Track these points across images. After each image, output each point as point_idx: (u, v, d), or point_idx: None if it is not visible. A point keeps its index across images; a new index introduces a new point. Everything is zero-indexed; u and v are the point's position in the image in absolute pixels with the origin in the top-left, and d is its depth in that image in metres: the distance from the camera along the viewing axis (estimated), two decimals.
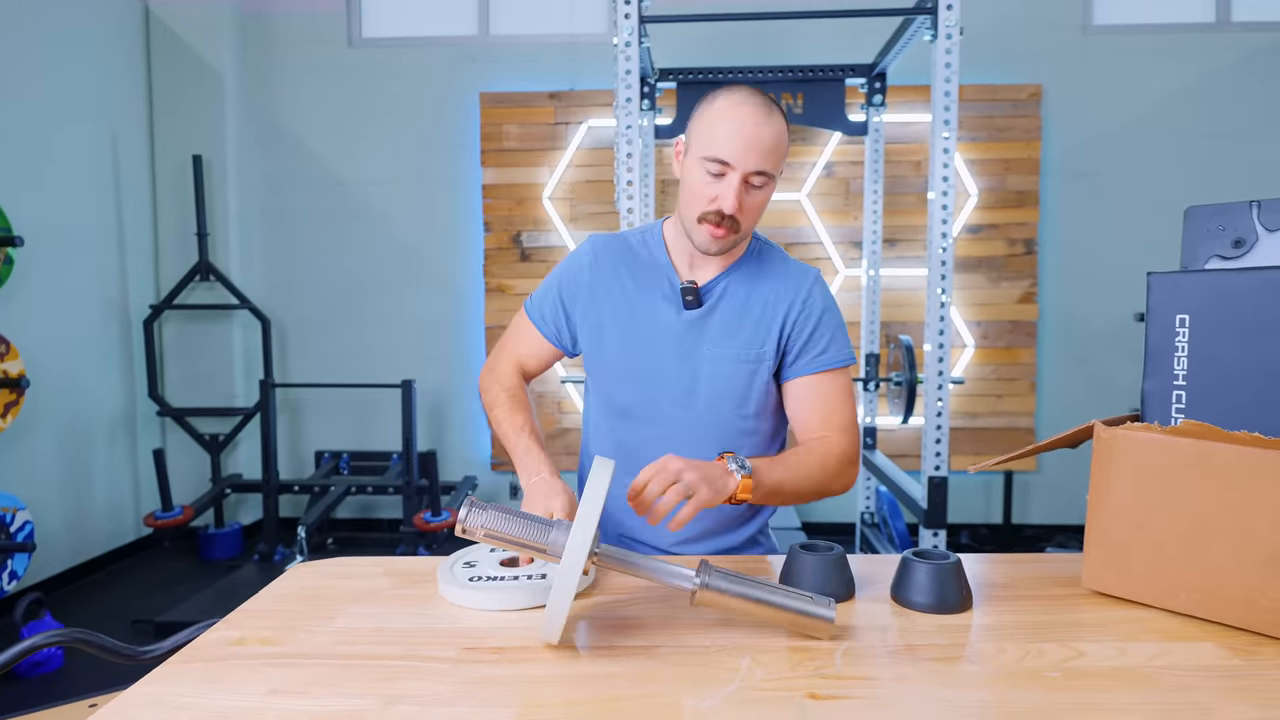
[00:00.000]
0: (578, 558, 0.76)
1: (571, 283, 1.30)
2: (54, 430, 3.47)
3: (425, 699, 0.74)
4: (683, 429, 1.25)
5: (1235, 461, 0.84)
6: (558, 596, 0.76)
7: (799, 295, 1.25)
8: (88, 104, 3.69)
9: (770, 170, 1.14)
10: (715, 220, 1.15)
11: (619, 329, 1.26)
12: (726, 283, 1.26)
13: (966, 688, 0.75)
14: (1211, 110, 3.98)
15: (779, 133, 1.15)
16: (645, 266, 1.28)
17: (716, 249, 1.19)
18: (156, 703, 0.74)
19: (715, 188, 1.14)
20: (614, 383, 1.28)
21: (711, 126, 1.14)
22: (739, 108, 1.13)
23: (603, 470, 0.81)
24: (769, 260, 1.29)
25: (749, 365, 1.24)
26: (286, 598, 1.00)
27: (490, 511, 0.84)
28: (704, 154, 1.14)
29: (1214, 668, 0.79)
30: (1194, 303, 1.00)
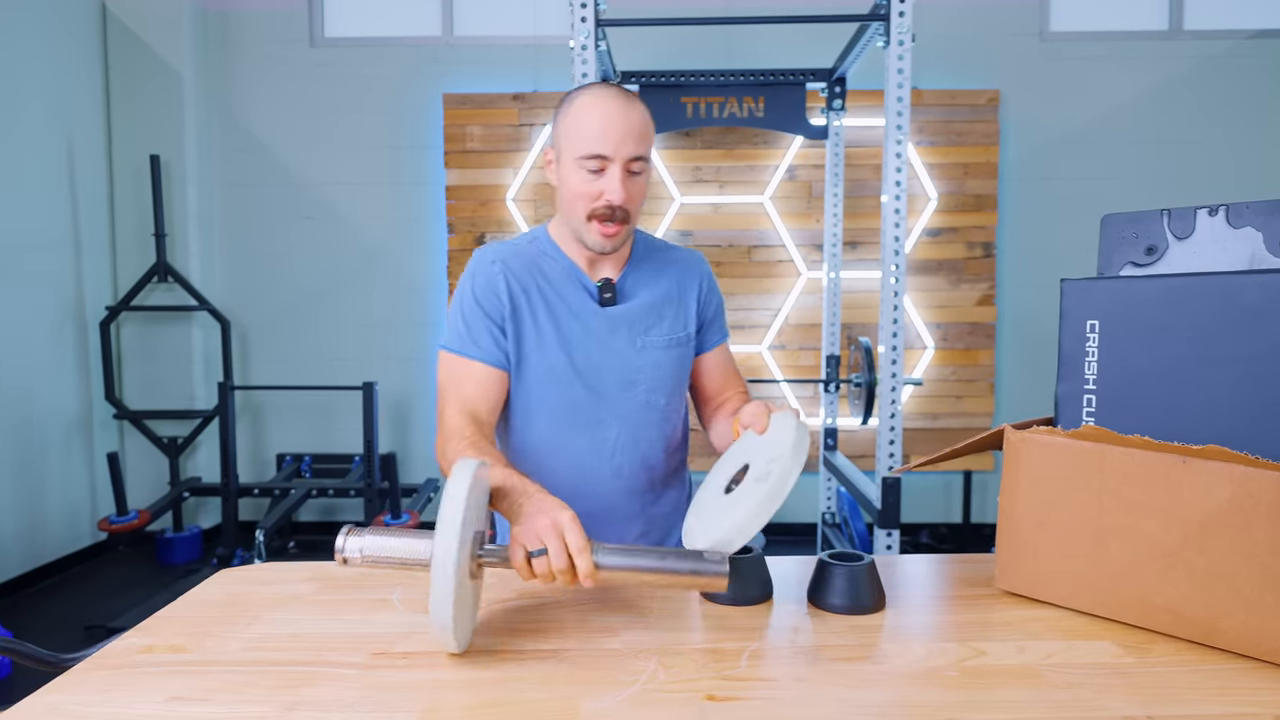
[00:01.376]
0: (446, 566, 0.75)
1: (492, 298, 1.23)
2: (6, 434, 3.41)
3: (326, 705, 0.74)
4: (628, 421, 1.27)
5: (1128, 464, 0.86)
6: (437, 606, 0.75)
7: (703, 277, 1.35)
8: (42, 103, 3.63)
9: (644, 154, 1.17)
10: (605, 215, 1.16)
11: (552, 334, 1.24)
12: (635, 276, 1.29)
13: (864, 687, 0.77)
14: (1165, 117, 4.06)
15: (644, 117, 1.17)
16: (550, 269, 1.27)
17: (610, 247, 1.20)
18: (55, 711, 0.74)
19: (598, 184, 1.15)
20: (555, 389, 1.25)
21: (579, 125, 1.15)
22: (601, 101, 1.14)
23: (463, 471, 0.81)
24: (660, 249, 1.35)
25: (680, 349, 1.29)
26: (205, 604, 0.99)
27: (368, 536, 0.83)
28: (579, 154, 1.15)
29: (1106, 665, 0.81)
30: (1103, 308, 1.03)
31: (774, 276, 4.13)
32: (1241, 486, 0.79)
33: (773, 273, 4.13)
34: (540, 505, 0.90)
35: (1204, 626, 0.83)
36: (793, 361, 4.16)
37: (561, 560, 0.83)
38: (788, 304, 4.14)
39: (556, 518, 0.85)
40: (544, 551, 0.84)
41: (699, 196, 4.10)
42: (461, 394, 1.20)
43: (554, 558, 0.83)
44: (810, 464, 4.15)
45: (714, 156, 4.08)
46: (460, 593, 0.77)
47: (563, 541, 0.84)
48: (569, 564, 0.84)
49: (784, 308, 4.14)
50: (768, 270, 4.13)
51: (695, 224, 4.12)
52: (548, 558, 0.84)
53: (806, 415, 4.17)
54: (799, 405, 4.17)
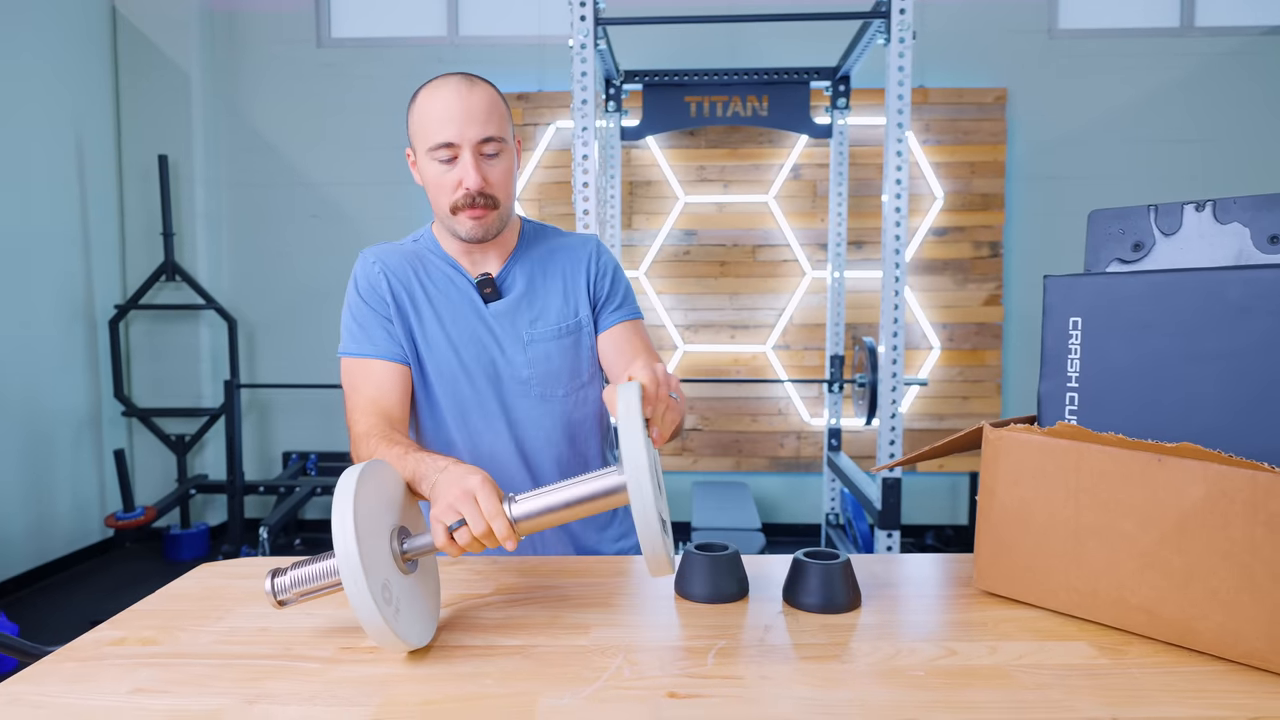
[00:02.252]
0: (354, 569, 0.73)
1: (373, 292, 1.21)
2: (16, 431, 3.45)
3: (285, 698, 0.74)
4: (527, 416, 1.24)
5: (1104, 462, 0.85)
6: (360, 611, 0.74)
7: (591, 257, 1.29)
8: (53, 103, 3.67)
9: (496, 134, 1.13)
10: (466, 203, 1.13)
11: (438, 333, 1.21)
12: (518, 267, 1.25)
13: (828, 686, 0.76)
14: (1175, 114, 4.02)
15: (490, 97, 1.14)
16: (432, 268, 1.24)
17: (481, 233, 1.17)
18: (16, 701, 0.74)
19: (453, 173, 1.13)
20: (449, 389, 1.22)
21: (422, 119, 1.13)
22: (437, 90, 1.12)
23: (349, 474, 0.79)
24: (548, 237, 1.31)
25: (571, 336, 1.25)
26: (179, 598, 1.00)
27: (290, 572, 0.82)
28: (428, 146, 1.12)
29: (1078, 666, 0.80)
30: (1086, 305, 1.02)
31: (778, 276, 4.12)
32: (1216, 485, 0.77)
33: (777, 272, 4.12)
34: (451, 477, 0.88)
35: (1180, 627, 0.82)
36: (797, 361, 4.14)
37: (480, 525, 0.82)
38: (792, 304, 4.12)
39: (466, 484, 0.84)
40: (463, 523, 0.82)
41: (703, 196, 4.09)
42: (364, 395, 1.17)
43: (472, 525, 0.82)
44: (814, 464, 4.13)
45: (718, 156, 4.07)
46: (384, 593, 0.76)
47: (477, 507, 0.82)
48: (488, 528, 0.82)
49: (788, 307, 4.12)
50: (772, 270, 4.11)
51: (699, 223, 4.11)
52: (467, 528, 0.82)
53: (811, 415, 4.16)
54: (801, 405, 4.15)
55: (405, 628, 0.78)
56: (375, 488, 0.82)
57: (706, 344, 4.15)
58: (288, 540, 4.13)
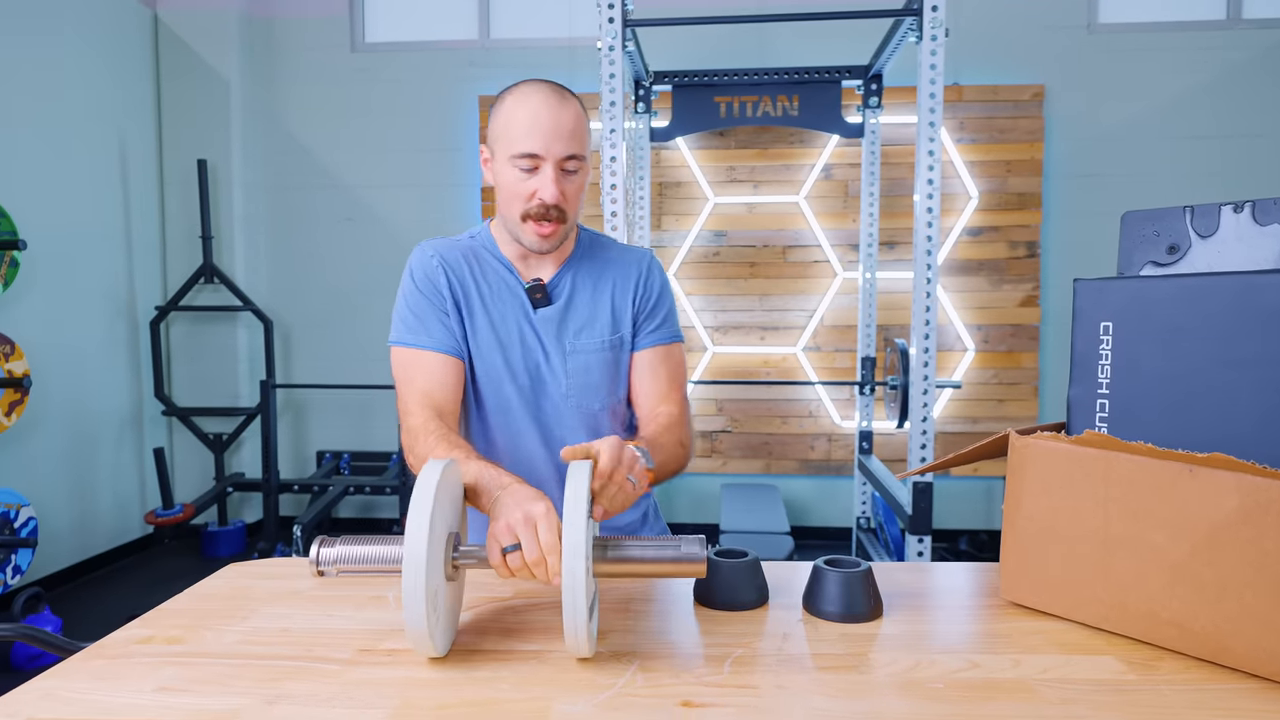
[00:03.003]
0: (416, 573, 0.74)
1: (434, 290, 1.21)
2: (60, 429, 3.55)
3: (304, 699, 0.74)
4: (563, 426, 1.24)
5: (1134, 472, 0.83)
6: (410, 613, 0.75)
7: (641, 274, 1.28)
8: (97, 109, 3.77)
9: (579, 152, 1.13)
10: (539, 214, 1.13)
11: (488, 332, 1.22)
12: (571, 275, 1.25)
13: (845, 697, 0.75)
14: (1221, 110, 3.90)
15: (577, 114, 1.14)
16: (486, 267, 1.24)
17: (547, 247, 1.17)
18: (47, 697, 0.76)
19: (531, 183, 1.12)
20: (492, 388, 1.23)
21: (508, 125, 1.12)
22: (530, 99, 1.12)
23: (431, 472, 0.80)
24: (604, 248, 1.30)
25: (613, 352, 1.25)
26: (207, 597, 1.02)
27: (339, 546, 0.82)
28: (511, 153, 1.11)
29: (1106, 682, 0.78)
30: (1117, 309, 0.99)
31: (809, 277, 4.08)
32: (1250, 496, 0.75)
33: (808, 273, 4.08)
34: (515, 497, 0.87)
35: (1212, 643, 0.79)
36: (828, 364, 4.10)
37: (534, 554, 0.80)
38: (823, 305, 4.08)
39: (530, 510, 0.83)
40: (518, 547, 0.81)
41: (733, 197, 4.07)
42: (418, 387, 1.16)
43: (527, 551, 0.80)
44: (844, 468, 4.09)
45: (748, 156, 4.05)
46: (434, 598, 0.77)
47: (536, 535, 0.81)
48: (542, 559, 0.80)
49: (819, 309, 4.08)
50: (803, 271, 4.08)
51: (729, 224, 4.09)
52: (521, 553, 0.81)
53: (842, 418, 4.11)
54: (832, 407, 4.11)
55: (439, 635, 0.79)
56: (448, 490, 0.83)
57: (736, 345, 4.13)
58: None
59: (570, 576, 0.74)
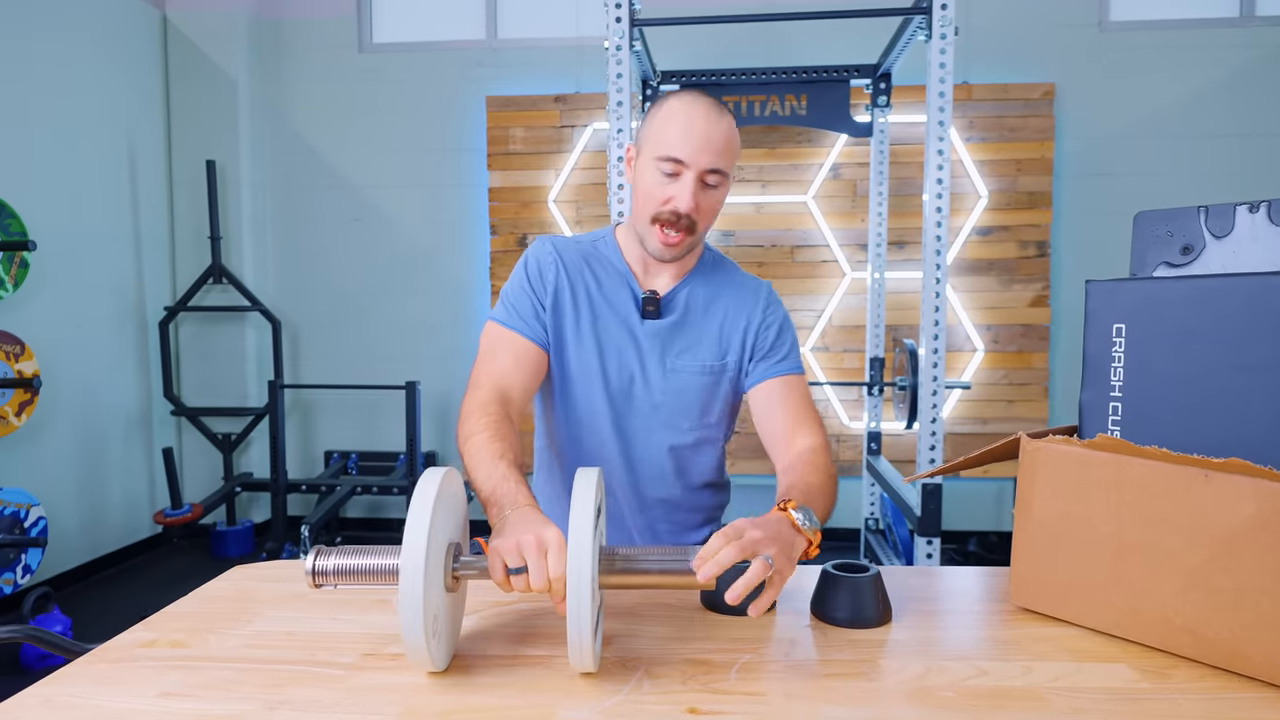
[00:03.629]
0: (414, 589, 0.73)
1: (539, 278, 1.22)
2: (70, 429, 3.56)
3: (306, 705, 0.74)
4: (648, 441, 1.24)
5: (1147, 476, 0.81)
6: (407, 622, 0.73)
7: (759, 305, 1.25)
8: (106, 110, 3.78)
9: (724, 168, 1.13)
10: (670, 220, 1.13)
11: (591, 334, 1.22)
12: (686, 293, 1.24)
13: (853, 704, 0.74)
14: (1234, 109, 3.87)
15: (730, 132, 1.13)
16: (605, 271, 1.24)
17: (670, 255, 1.16)
18: (48, 703, 0.75)
19: (670, 188, 1.12)
20: (584, 389, 1.23)
21: (662, 127, 1.12)
22: (690, 107, 1.12)
23: (429, 482, 0.79)
24: (723, 271, 1.29)
25: (711, 377, 1.23)
26: (212, 600, 1.01)
27: (334, 557, 0.81)
28: (657, 154, 1.11)
29: (1118, 690, 0.77)
30: (1129, 311, 0.98)
31: (817, 277, 4.07)
32: (1268, 502, 0.73)
33: (816, 273, 4.07)
34: (525, 518, 0.86)
35: (1228, 651, 0.78)
36: (836, 364, 4.09)
37: (541, 581, 0.79)
38: (831, 305, 4.06)
39: (542, 534, 0.81)
40: (524, 570, 0.80)
41: (741, 196, 4.06)
42: (497, 364, 1.18)
43: (533, 576, 0.79)
44: (853, 468, 4.07)
45: (756, 156, 4.03)
46: (433, 612, 0.75)
47: (544, 561, 0.80)
48: (549, 585, 0.79)
49: (827, 309, 4.07)
50: (811, 271, 4.07)
51: (737, 224, 4.08)
52: (527, 576, 0.80)
53: (850, 419, 4.10)
54: (840, 408, 4.09)
55: (437, 649, 0.77)
56: (447, 498, 0.81)
57: None
58: (329, 538, 4.19)
59: (576, 596, 0.73)
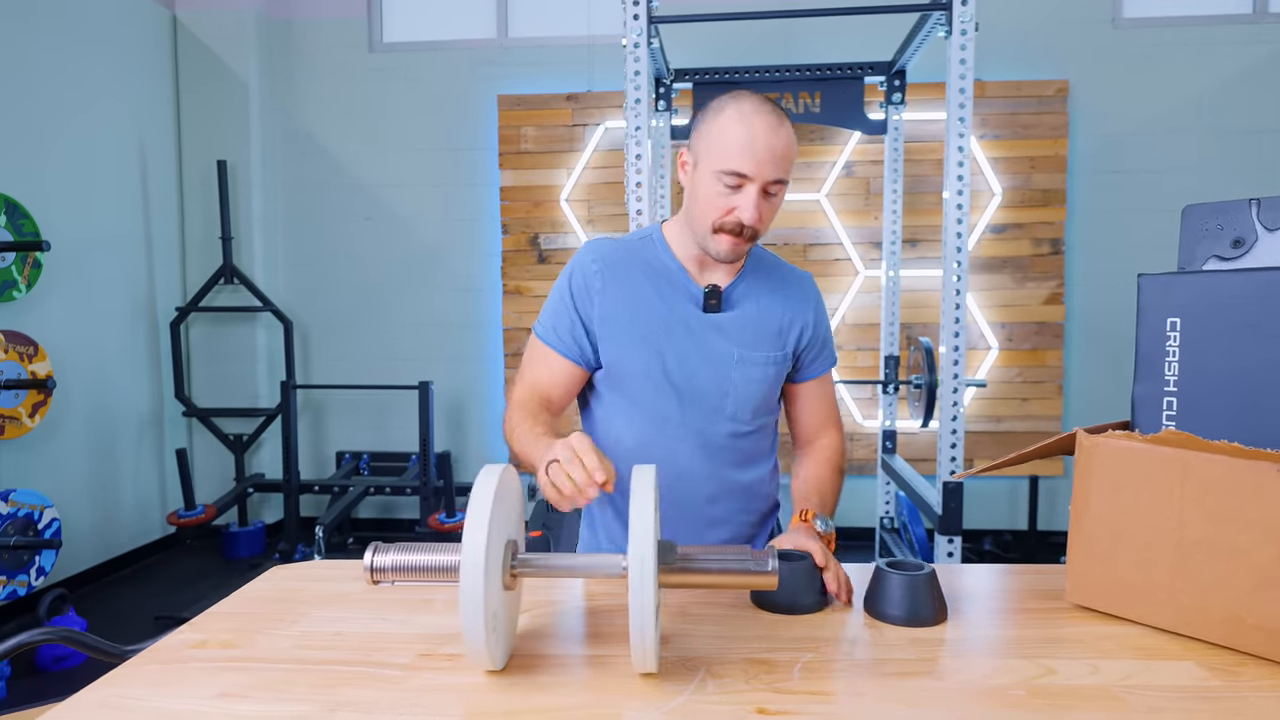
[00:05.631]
0: (474, 580, 0.72)
1: (583, 291, 1.22)
2: (82, 430, 3.55)
3: (368, 706, 0.73)
4: (712, 433, 1.23)
5: (1217, 472, 0.80)
6: (468, 621, 0.72)
7: (811, 302, 1.29)
8: (117, 111, 3.77)
9: (784, 177, 1.13)
10: (734, 230, 1.14)
11: (644, 333, 1.21)
12: (744, 286, 1.25)
13: (924, 705, 0.73)
14: (1248, 105, 3.85)
15: (790, 139, 1.13)
16: (656, 270, 1.24)
17: (734, 257, 1.18)
18: (105, 705, 0.74)
19: (733, 200, 1.12)
20: (644, 390, 1.22)
21: (724, 139, 1.11)
22: (751, 118, 1.10)
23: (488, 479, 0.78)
24: (769, 263, 1.30)
25: (776, 368, 1.25)
26: (256, 600, 1.00)
27: (393, 554, 0.80)
28: (719, 168, 1.11)
29: (1191, 689, 0.75)
30: (1185, 305, 0.96)
31: (830, 275, 4.05)
32: None
33: (829, 271, 4.05)
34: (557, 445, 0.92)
35: None
36: (850, 362, 4.07)
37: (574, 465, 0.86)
38: (845, 303, 4.05)
39: (568, 440, 0.90)
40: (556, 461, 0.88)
41: None
42: (534, 375, 1.24)
43: (565, 463, 0.87)
44: (866, 467, 4.05)
45: None
46: (492, 610, 0.74)
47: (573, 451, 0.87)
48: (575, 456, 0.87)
49: (841, 307, 4.05)
50: (824, 269, 4.05)
51: None
52: (560, 464, 0.87)
53: (864, 417, 4.08)
54: (854, 406, 4.08)
55: (496, 648, 0.77)
56: (505, 495, 0.81)
57: None
58: (341, 539, 4.18)
59: (639, 595, 0.71)
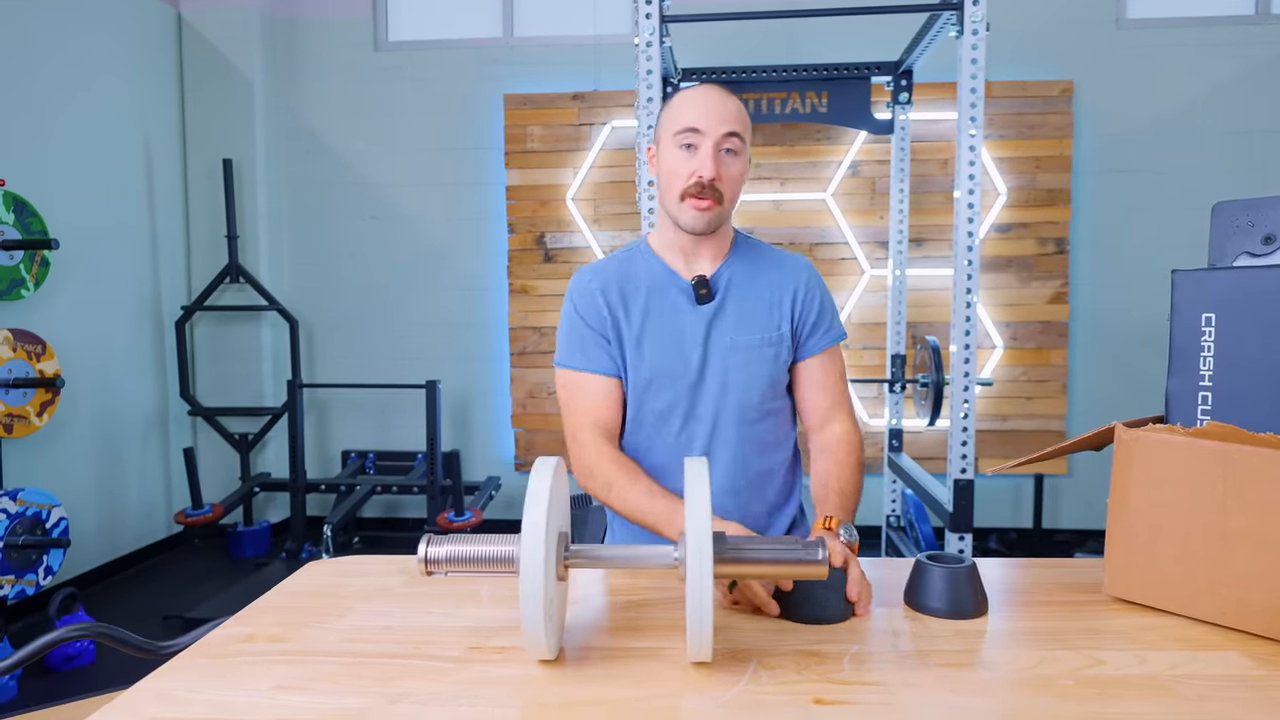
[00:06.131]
0: (534, 569, 0.73)
1: (593, 315, 1.26)
2: (89, 429, 3.54)
3: (427, 698, 0.73)
4: (723, 420, 1.25)
5: (1259, 465, 0.81)
6: (527, 610, 0.73)
7: (801, 279, 1.30)
8: (122, 109, 3.76)
9: (740, 133, 1.19)
10: (696, 191, 1.18)
11: (649, 340, 1.25)
12: (730, 273, 1.28)
13: (976, 695, 0.74)
14: (1251, 105, 3.88)
15: (739, 106, 1.21)
16: (648, 276, 1.28)
17: (704, 224, 1.21)
18: (162, 698, 0.75)
19: (692, 161, 1.18)
20: (651, 393, 1.26)
21: (676, 109, 1.21)
22: (699, 89, 1.22)
23: (543, 471, 0.79)
24: (759, 250, 1.33)
25: (772, 349, 1.26)
26: (298, 595, 1.01)
27: (448, 545, 0.81)
28: (674, 131, 1.19)
29: (1237, 678, 0.76)
30: (1219, 301, 0.98)
31: (837, 275, 4.06)
32: None
33: (835, 271, 4.06)
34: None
35: None
36: (856, 361, 4.09)
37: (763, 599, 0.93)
38: (851, 302, 4.06)
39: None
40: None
41: (759, 194, 4.06)
42: (585, 407, 1.25)
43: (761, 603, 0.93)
44: (873, 465, 4.07)
45: (775, 153, 4.03)
46: (549, 600, 0.75)
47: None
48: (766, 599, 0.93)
49: (847, 306, 4.07)
50: (830, 268, 4.06)
51: (756, 221, 4.08)
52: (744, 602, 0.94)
53: (870, 416, 4.10)
54: (860, 405, 4.09)
55: (553, 637, 0.78)
56: (558, 489, 0.82)
57: None
58: (346, 539, 4.18)
59: (696, 587, 0.72)
